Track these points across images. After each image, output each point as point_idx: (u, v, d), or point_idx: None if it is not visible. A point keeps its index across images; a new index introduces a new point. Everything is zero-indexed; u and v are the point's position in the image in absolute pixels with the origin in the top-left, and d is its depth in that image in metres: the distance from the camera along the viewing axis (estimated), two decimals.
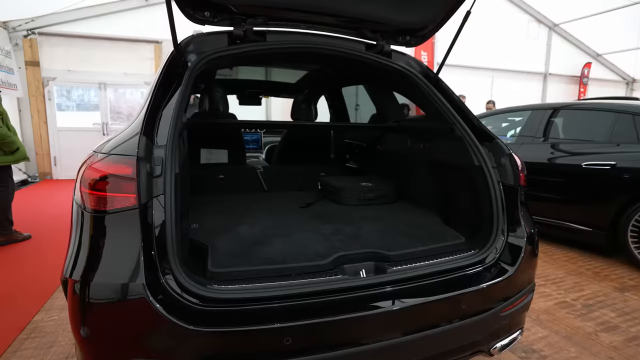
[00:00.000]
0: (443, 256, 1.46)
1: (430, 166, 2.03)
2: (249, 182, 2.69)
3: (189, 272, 1.14)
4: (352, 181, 2.25)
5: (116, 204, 1.03)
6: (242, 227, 1.63)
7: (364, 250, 1.44)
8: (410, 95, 2.16)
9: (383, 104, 2.64)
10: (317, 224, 1.71)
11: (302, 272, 1.29)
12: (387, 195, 2.17)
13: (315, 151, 3.50)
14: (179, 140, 1.51)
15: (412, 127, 2.24)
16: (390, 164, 2.42)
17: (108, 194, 1.02)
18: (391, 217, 1.87)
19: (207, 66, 1.57)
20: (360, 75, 2.50)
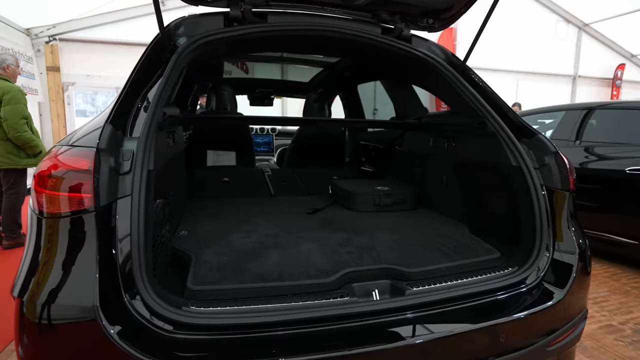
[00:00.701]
0: (474, 275, 1.20)
1: (456, 167, 1.77)
2: (256, 185, 2.50)
3: (161, 290, 0.94)
4: (367, 185, 2.01)
5: (68, 205, 0.83)
6: (236, 235, 1.42)
7: (377, 266, 1.20)
8: (434, 87, 1.91)
9: (402, 100, 2.40)
10: (324, 233, 1.49)
11: (301, 292, 1.06)
12: (406, 201, 1.92)
13: (328, 154, 3.28)
14: (164, 135, 1.32)
15: (434, 123, 1.99)
16: (409, 166, 2.17)
17: (58, 193, 0.83)
18: (411, 226, 1.62)
19: (199, 52, 1.38)
20: (375, 65, 2.26)
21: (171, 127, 1.46)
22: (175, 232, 1.43)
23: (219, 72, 2.91)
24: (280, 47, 1.88)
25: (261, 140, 4.29)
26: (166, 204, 1.36)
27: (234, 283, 1.06)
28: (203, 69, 2.57)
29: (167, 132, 1.37)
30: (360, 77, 2.84)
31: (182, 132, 1.88)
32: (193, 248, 1.26)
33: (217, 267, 1.13)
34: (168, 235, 1.22)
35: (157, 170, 1.18)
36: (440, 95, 1.91)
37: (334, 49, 1.84)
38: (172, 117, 1.39)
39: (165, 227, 1.20)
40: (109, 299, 0.83)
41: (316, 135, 3.21)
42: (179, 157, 1.71)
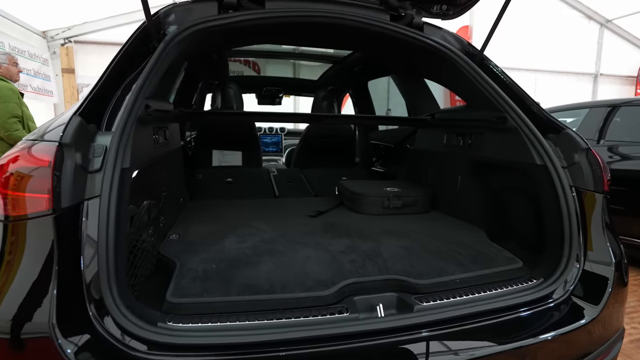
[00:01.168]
0: (493, 288, 1.06)
1: (472, 167, 1.62)
2: (260, 186, 2.39)
3: (136, 303, 0.83)
4: (375, 186, 1.88)
5: (23, 207, 0.73)
6: (230, 240, 1.31)
7: (383, 276, 1.07)
8: (448, 80, 1.77)
9: (414, 96, 2.26)
10: (326, 238, 1.36)
11: (295, 306, 0.94)
12: (418, 204, 1.78)
13: (337, 153, 3.16)
14: (149, 130, 1.22)
15: (448, 119, 1.84)
16: (422, 166, 2.03)
17: (10, 192, 0.73)
18: (422, 230, 1.48)
19: (191, 41, 1.28)
20: (384, 57, 2.12)
21: (161, 123, 1.37)
22: (165, 236, 1.33)
23: (223, 68, 2.82)
24: (279, 36, 1.76)
25: (270, 140, 4.20)
26: (153, 205, 1.26)
27: (218, 295, 0.94)
28: (205, 64, 2.48)
29: (156, 128, 1.28)
30: (370, 73, 2.70)
31: (179, 129, 1.78)
32: (180, 254, 1.16)
33: (202, 277, 1.02)
34: (151, 240, 1.11)
35: (139, 168, 1.08)
36: (455, 88, 1.77)
37: (337, 38, 1.72)
38: (160, 112, 1.29)
39: (147, 231, 1.10)
40: (70, 315, 0.73)
41: (325, 135, 3.09)
42: (174, 155, 1.62)
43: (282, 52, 2.80)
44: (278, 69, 3.60)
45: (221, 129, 2.88)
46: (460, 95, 1.74)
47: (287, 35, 1.69)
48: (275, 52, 2.79)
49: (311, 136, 3.08)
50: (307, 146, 3.09)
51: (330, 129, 3.14)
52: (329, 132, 3.12)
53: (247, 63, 5.78)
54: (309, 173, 2.70)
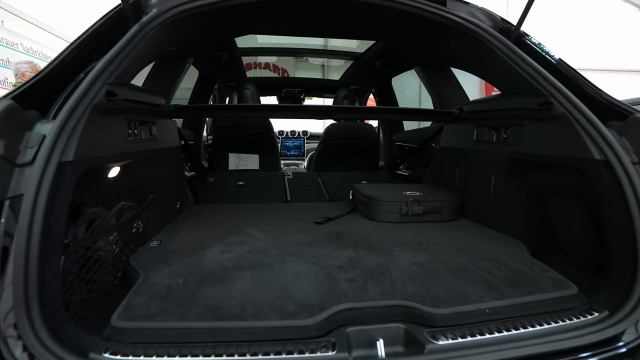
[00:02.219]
0: (537, 322, 0.80)
1: (509, 166, 1.35)
2: (273, 190, 2.22)
3: (68, 328, 0.67)
4: (393, 190, 1.64)
5: None
6: (214, 249, 1.13)
7: (387, 301, 0.84)
8: (479, 64, 1.51)
9: (440, 89, 2.00)
10: (327, 249, 1.15)
11: (267, 338, 0.73)
12: (443, 210, 1.52)
13: (359, 157, 2.93)
14: (119, 122, 1.07)
15: (479, 111, 1.57)
16: (449, 167, 1.76)
17: None
18: (445, 242, 1.23)
19: (175, 25, 1.14)
20: (401, 41, 1.88)
21: (141, 116, 1.22)
22: (144, 243, 1.18)
23: (237, 69, 2.70)
24: (277, 20, 1.58)
25: (291, 144, 4.05)
26: (129, 208, 1.11)
27: (174, 320, 0.76)
28: (217, 64, 2.37)
29: (132, 121, 1.13)
30: (392, 67, 2.46)
31: (175, 127, 1.65)
32: (150, 265, 0.99)
33: (162, 294, 0.84)
34: (111, 249, 0.95)
35: (99, 165, 0.94)
36: (487, 75, 1.50)
37: (343, 19, 1.51)
38: (138, 103, 1.15)
39: (108, 238, 0.94)
40: None
41: (345, 136, 2.88)
42: (167, 154, 1.48)
43: (298, 49, 2.64)
44: (306, 74, 3.46)
45: (237, 131, 2.76)
46: (494, 83, 1.48)
47: (285, 16, 1.50)
48: (292, 49, 2.64)
49: (331, 138, 2.88)
50: (327, 149, 2.90)
51: (351, 130, 2.93)
52: (350, 133, 2.90)
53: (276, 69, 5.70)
54: (327, 177, 2.49)
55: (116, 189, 1.22)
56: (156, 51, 1.30)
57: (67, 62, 0.92)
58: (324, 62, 6.86)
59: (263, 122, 2.81)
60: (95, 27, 1.02)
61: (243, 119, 2.74)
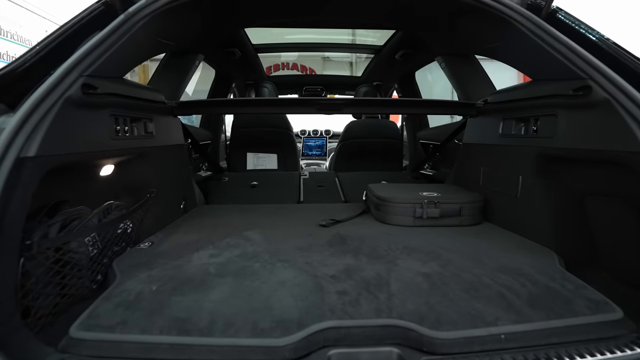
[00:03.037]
0: (569, 353, 0.64)
1: (539, 163, 1.17)
2: (286, 190, 2.13)
3: (20, 337, 0.61)
4: (408, 190, 1.49)
5: None
6: (203, 252, 1.05)
7: (381, 320, 0.72)
8: (506, 49, 1.33)
9: (465, 81, 1.82)
10: (324, 255, 1.03)
11: (233, 359, 0.64)
12: (463, 213, 1.36)
13: (381, 156, 2.79)
14: (105, 117, 1.02)
15: (505, 101, 1.39)
16: (471, 165, 1.59)
17: None
18: (461, 250, 1.07)
19: (167, 15, 1.08)
20: (417, 27, 1.72)
21: (133, 112, 1.17)
22: (136, 244, 1.13)
23: (254, 67, 2.65)
24: (278, 8, 1.49)
25: (313, 143, 3.96)
26: (118, 207, 1.06)
27: (135, 332, 0.68)
28: (231, 62, 2.33)
29: (121, 116, 1.08)
30: (414, 59, 2.30)
31: (180, 124, 1.60)
32: (130, 268, 0.93)
33: (130, 302, 0.76)
34: (86, 251, 0.89)
35: (75, 162, 0.89)
36: (515, 59, 1.32)
37: (351, 5, 1.39)
38: (126, 97, 1.10)
39: (84, 239, 0.89)
40: None
41: (366, 134, 2.75)
42: (168, 153, 1.43)
43: (315, 43, 2.54)
44: (334, 73, 3.36)
45: (255, 130, 2.72)
46: (523, 68, 1.30)
47: (291, 5, 1.41)
48: (308, 44, 2.55)
49: (351, 136, 2.76)
50: (346, 147, 2.78)
51: (373, 127, 2.80)
52: (371, 131, 2.77)
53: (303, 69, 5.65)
54: (345, 177, 2.38)
55: (109, 187, 1.18)
56: (150, 44, 1.25)
57: (45, 54, 0.88)
58: (351, 60, 6.68)
59: (280, 121, 2.74)
60: (79, 18, 0.98)
61: (255, 116, 2.69)
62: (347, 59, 7.05)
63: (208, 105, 1.64)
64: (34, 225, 0.83)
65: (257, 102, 1.74)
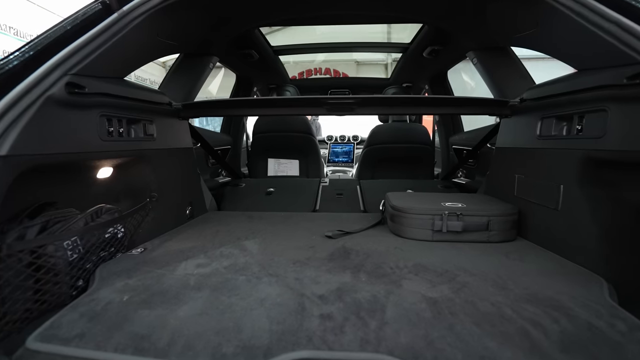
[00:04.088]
0: None
1: (586, 169, 0.98)
2: (303, 198, 2.04)
3: None
4: (428, 200, 1.34)
5: None
6: (191, 261, 0.98)
7: (365, 354, 0.59)
8: (543, 36, 1.15)
9: (500, 78, 1.63)
10: (320, 271, 0.92)
11: None
12: (492, 227, 1.18)
13: (409, 163, 2.61)
14: (94, 117, 0.99)
15: (543, 97, 1.19)
16: (505, 171, 1.40)
17: None
18: (483, 271, 0.91)
19: (164, 12, 1.03)
20: (440, 18, 1.56)
21: (135, 115, 1.14)
22: (129, 249, 1.08)
23: (275, 70, 2.60)
24: (286, 5, 1.40)
25: (340, 150, 3.84)
26: (109, 211, 1.02)
27: (89, 347, 0.61)
28: (249, 65, 2.29)
29: (113, 117, 1.05)
30: (443, 56, 2.12)
31: (187, 127, 1.57)
32: (111, 275, 0.87)
33: (94, 313, 0.70)
34: (64, 256, 0.85)
35: (59, 162, 0.85)
36: (554, 47, 1.13)
37: None
38: (128, 99, 1.06)
39: (61, 242, 0.84)
40: None
41: (393, 139, 2.59)
42: (172, 156, 1.39)
43: (337, 43, 2.44)
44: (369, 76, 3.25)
45: (275, 135, 2.66)
46: (564, 57, 1.10)
47: None
48: (331, 44, 2.45)
49: (376, 141, 2.61)
50: (371, 153, 2.64)
51: (400, 132, 2.63)
52: (398, 136, 2.60)
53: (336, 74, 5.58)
54: (368, 185, 2.24)
55: (107, 189, 1.15)
56: (153, 45, 1.22)
57: (36, 53, 0.85)
58: (387, 62, 6.50)
59: (302, 125, 2.67)
60: (73, 17, 0.96)
61: (274, 120, 2.63)
62: (382, 62, 6.82)
63: (213, 107, 1.58)
64: (13, 226, 0.80)
65: (256, 103, 1.64)
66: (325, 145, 3.83)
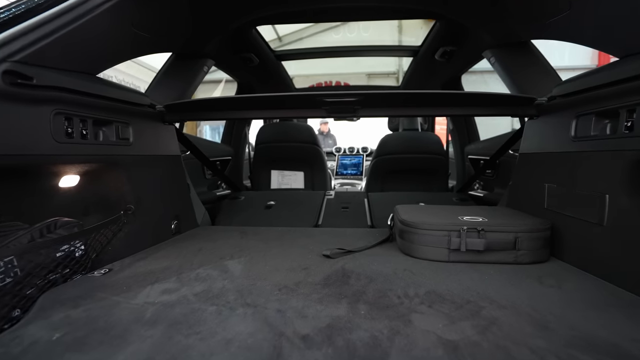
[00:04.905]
0: None
1: (637, 173, 0.79)
2: (306, 212, 1.87)
3: None
4: (443, 213, 1.15)
5: None
6: (157, 286, 0.82)
7: None
8: (578, 25, 0.98)
9: (520, 77, 1.45)
10: (309, 301, 0.74)
11: None
12: (521, 246, 0.99)
13: (422, 174, 2.43)
14: (47, 114, 0.85)
15: (580, 90, 1.01)
16: (532, 180, 1.21)
17: None
18: (515, 303, 0.72)
19: None
20: (452, 9, 1.40)
21: (105, 115, 1.01)
22: (92, 270, 0.93)
23: (278, 76, 2.48)
24: None
25: (349, 162, 3.68)
26: (66, 225, 0.88)
27: None
28: (248, 70, 2.17)
29: (86, 119, 0.92)
30: (456, 58, 1.96)
31: (174, 132, 1.43)
32: (55, 304, 0.72)
33: (10, 357, 0.54)
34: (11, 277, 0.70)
35: None
36: (593, 35, 0.96)
37: None
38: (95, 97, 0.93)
39: None
40: None
41: (404, 148, 2.42)
42: (153, 164, 1.25)
43: (345, 47, 2.31)
44: None
45: (279, 145, 2.52)
46: (604, 46, 0.93)
47: None
48: (337, 48, 2.32)
49: (386, 151, 2.45)
50: (381, 164, 2.47)
51: (411, 141, 2.46)
52: (409, 145, 2.43)
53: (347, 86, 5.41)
54: (376, 198, 2.06)
55: (72, 200, 1.01)
56: (128, 37, 1.09)
57: None
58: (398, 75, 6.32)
59: (307, 135, 2.53)
60: None
61: (277, 130, 2.49)
62: (393, 74, 6.70)
63: (201, 109, 1.43)
64: None
65: (242, 101, 1.45)
66: (334, 157, 3.68)
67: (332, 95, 1.20)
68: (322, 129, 5.36)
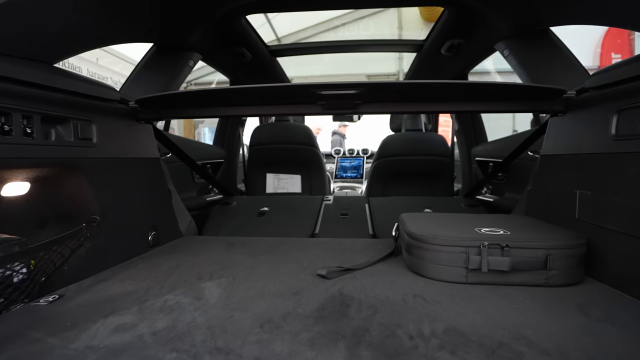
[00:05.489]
0: None
1: None
2: (302, 219, 1.72)
3: None
4: (456, 224, 1.00)
5: None
6: (114, 319, 0.66)
7: None
8: (610, 5, 0.83)
9: (539, 70, 1.30)
10: (296, 344, 0.59)
11: None
12: (552, 265, 0.83)
13: (425, 177, 2.28)
14: None
15: (624, 80, 0.85)
16: (558, 186, 1.05)
17: None
18: (560, 345, 0.56)
19: None
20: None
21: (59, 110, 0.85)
22: (37, 297, 0.77)
23: (274, 73, 2.33)
24: None
25: (349, 164, 3.52)
26: (7, 242, 0.72)
27: None
28: (245, 67, 2.03)
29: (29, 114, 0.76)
30: (464, 53, 1.81)
31: (152, 133, 1.28)
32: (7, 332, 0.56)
33: None
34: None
35: None
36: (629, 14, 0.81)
37: None
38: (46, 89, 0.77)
39: None
40: None
41: (406, 150, 2.27)
42: (124, 168, 1.09)
43: (344, 41, 2.16)
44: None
45: (274, 147, 2.37)
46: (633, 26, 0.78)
47: None
48: (335, 43, 2.17)
49: (387, 153, 2.30)
50: (382, 167, 2.31)
51: (414, 142, 2.31)
52: (413, 147, 2.28)
53: None
54: (378, 203, 1.91)
55: (19, 212, 0.85)
56: (87, 18, 0.93)
57: None
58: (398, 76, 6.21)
59: (304, 136, 2.38)
60: None
61: (272, 130, 2.34)
62: (394, 76, 6.56)
63: (181, 104, 1.27)
64: None
65: (226, 93, 1.29)
66: (333, 159, 3.53)
67: (329, 87, 1.05)
68: (341, 131, 4.94)
